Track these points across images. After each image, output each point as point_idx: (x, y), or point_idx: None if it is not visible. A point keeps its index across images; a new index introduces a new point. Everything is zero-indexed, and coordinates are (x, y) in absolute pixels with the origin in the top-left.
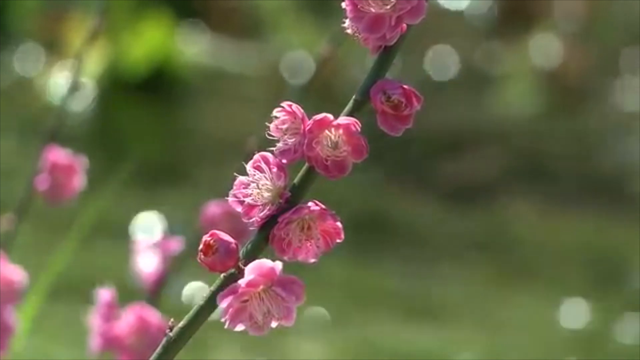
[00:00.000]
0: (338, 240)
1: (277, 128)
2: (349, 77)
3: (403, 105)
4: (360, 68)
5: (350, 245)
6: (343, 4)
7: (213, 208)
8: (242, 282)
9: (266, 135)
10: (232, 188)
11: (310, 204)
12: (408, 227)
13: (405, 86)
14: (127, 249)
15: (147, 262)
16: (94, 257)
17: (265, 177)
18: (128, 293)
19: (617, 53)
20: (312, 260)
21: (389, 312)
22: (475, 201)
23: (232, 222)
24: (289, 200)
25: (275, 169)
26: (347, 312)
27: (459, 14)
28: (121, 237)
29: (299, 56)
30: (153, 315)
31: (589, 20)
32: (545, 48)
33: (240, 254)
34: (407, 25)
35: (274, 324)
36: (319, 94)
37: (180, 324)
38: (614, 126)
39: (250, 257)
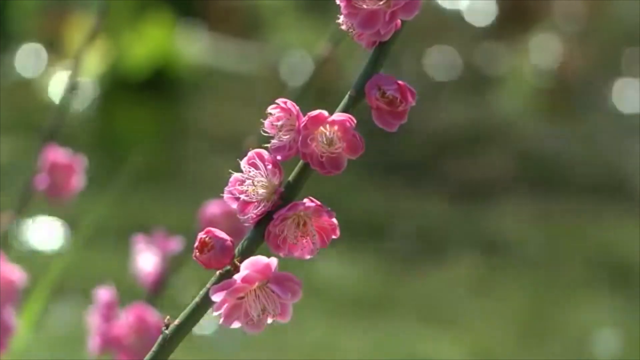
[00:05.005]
0: (334, 237)
1: (272, 125)
2: (349, 76)
3: (398, 100)
4: (360, 67)
5: (350, 244)
6: (338, 1)
7: (212, 207)
8: (237, 277)
9: (262, 132)
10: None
11: (305, 200)
12: (408, 226)
13: (400, 82)
14: (127, 249)
15: (146, 262)
16: (94, 257)
17: (260, 173)
18: (128, 293)
19: (617, 53)
20: (308, 257)
21: (390, 312)
22: (476, 200)
23: (232, 222)
24: (284, 197)
25: (270, 166)
26: (348, 312)
27: (459, 14)
28: (121, 236)
29: (299, 56)
30: (152, 315)
31: (589, 21)
32: (545, 48)
33: (236, 251)
34: (402, 21)
35: (269, 321)
36: (318, 93)
37: (176, 321)
38: (614, 126)
39: (246, 254)
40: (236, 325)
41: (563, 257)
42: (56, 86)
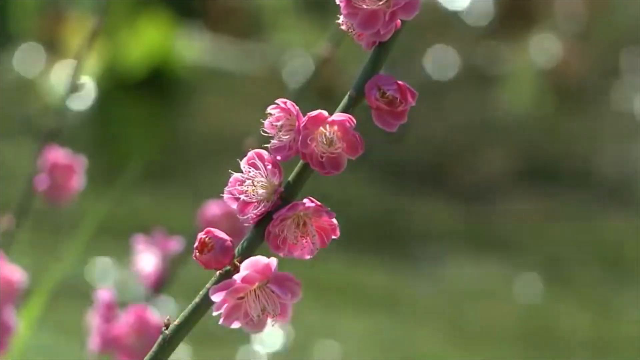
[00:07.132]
0: (334, 237)
1: (272, 125)
2: (349, 77)
3: (398, 101)
4: (360, 67)
5: (353, 244)
6: (337, 1)
7: (212, 208)
8: (237, 277)
9: (261, 132)
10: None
11: (305, 200)
12: (410, 227)
13: (399, 82)
14: (127, 249)
15: (146, 262)
16: (94, 257)
17: (260, 174)
18: (128, 293)
19: (617, 53)
20: (308, 257)
21: (392, 311)
22: (476, 201)
23: (232, 222)
24: (284, 197)
25: (269, 166)
26: (351, 312)
27: (459, 14)
28: (121, 236)
29: (299, 56)
30: (152, 315)
31: (589, 20)
32: (545, 48)
33: (236, 251)
34: (402, 21)
35: (269, 321)
36: (318, 93)
37: (176, 321)
38: (614, 126)
39: (245, 254)
40: (236, 325)
41: (565, 257)
42: (56, 86)
